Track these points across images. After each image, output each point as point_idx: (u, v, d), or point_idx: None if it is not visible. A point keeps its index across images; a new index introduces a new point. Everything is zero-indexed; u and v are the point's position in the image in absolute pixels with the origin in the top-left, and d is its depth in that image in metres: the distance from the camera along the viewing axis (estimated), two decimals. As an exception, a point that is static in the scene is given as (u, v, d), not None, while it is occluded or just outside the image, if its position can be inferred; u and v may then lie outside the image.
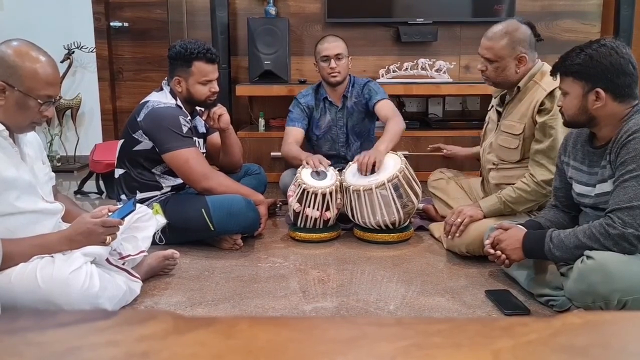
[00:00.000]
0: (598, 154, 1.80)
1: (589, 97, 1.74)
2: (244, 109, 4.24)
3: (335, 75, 2.92)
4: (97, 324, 0.51)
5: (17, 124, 1.73)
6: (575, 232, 1.76)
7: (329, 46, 2.91)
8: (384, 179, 2.49)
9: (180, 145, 2.41)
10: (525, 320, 0.52)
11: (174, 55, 2.50)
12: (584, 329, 0.51)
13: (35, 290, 1.64)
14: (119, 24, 4.25)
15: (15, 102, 1.67)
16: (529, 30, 2.30)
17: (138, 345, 0.47)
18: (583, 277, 1.67)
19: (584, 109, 1.76)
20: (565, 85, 1.80)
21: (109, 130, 4.34)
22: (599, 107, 1.74)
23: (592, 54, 1.73)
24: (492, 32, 2.31)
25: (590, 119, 1.78)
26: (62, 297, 1.65)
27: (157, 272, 2.17)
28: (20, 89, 1.66)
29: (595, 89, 1.73)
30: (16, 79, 1.65)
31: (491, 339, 0.48)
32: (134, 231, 2.07)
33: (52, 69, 1.71)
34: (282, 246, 2.57)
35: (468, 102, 4.23)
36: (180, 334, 0.49)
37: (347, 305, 1.95)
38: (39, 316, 0.53)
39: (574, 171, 1.90)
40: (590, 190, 1.81)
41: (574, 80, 1.76)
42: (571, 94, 1.78)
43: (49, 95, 1.71)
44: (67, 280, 1.66)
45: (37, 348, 0.46)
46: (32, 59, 1.67)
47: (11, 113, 1.69)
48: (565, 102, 1.82)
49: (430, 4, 4.07)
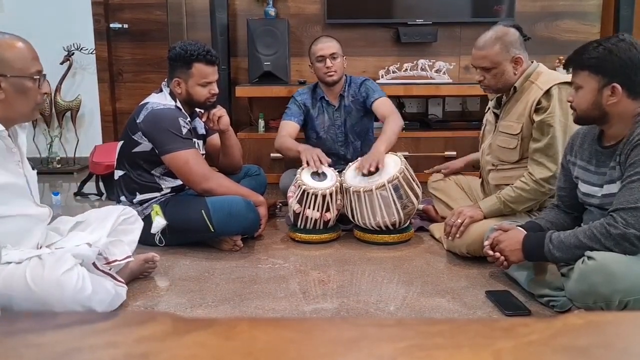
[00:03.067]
0: (607, 154, 1.79)
1: (604, 92, 1.72)
2: (244, 110, 4.24)
3: (331, 74, 2.93)
4: (96, 326, 0.51)
5: (23, 112, 1.73)
6: (575, 232, 1.75)
7: (323, 46, 2.93)
8: (384, 180, 2.49)
9: (180, 146, 2.41)
10: (526, 321, 0.52)
11: (174, 56, 2.50)
12: (585, 329, 0.51)
13: (26, 292, 1.62)
14: (118, 25, 4.24)
15: (14, 89, 1.67)
16: (517, 31, 2.31)
17: (137, 347, 0.46)
18: (584, 277, 1.66)
19: (598, 104, 1.74)
20: (580, 79, 1.77)
21: (108, 132, 4.34)
22: (613, 103, 1.71)
23: (611, 48, 1.70)
24: (482, 41, 2.31)
25: (603, 115, 1.75)
26: (54, 299, 1.63)
27: (137, 276, 2.14)
28: (14, 74, 1.67)
29: (611, 83, 1.70)
30: (5, 66, 1.66)
31: (492, 340, 0.48)
32: (120, 234, 2.04)
33: (29, 45, 1.73)
34: (282, 247, 2.57)
35: (468, 103, 4.23)
36: (179, 335, 0.49)
37: (348, 306, 1.94)
38: (38, 318, 0.53)
39: (581, 171, 1.88)
40: (597, 190, 1.80)
41: (590, 74, 1.73)
42: (585, 88, 1.75)
43: (38, 71, 1.73)
44: (60, 282, 1.65)
45: (36, 349, 0.46)
46: (8, 44, 1.69)
47: (14, 103, 1.69)
48: (577, 96, 1.79)
49: (430, 5, 4.07)
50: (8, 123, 1.73)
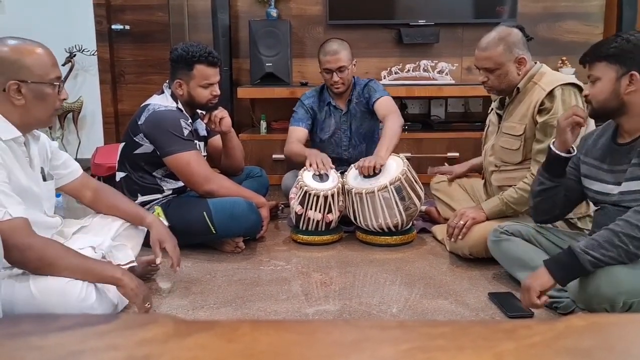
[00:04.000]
0: (623, 151, 1.78)
1: (622, 82, 1.73)
2: (246, 112, 4.24)
3: (338, 87, 2.91)
4: (98, 328, 0.51)
5: (42, 118, 1.74)
6: (606, 229, 1.67)
7: (331, 59, 2.85)
8: (386, 182, 2.49)
9: (182, 148, 2.41)
10: (529, 323, 0.52)
11: (176, 58, 2.50)
12: (587, 331, 0.51)
13: (29, 300, 1.61)
14: (120, 26, 4.25)
15: (34, 95, 1.68)
16: (520, 32, 2.31)
17: (139, 349, 0.46)
18: (588, 279, 1.66)
19: (616, 93, 1.74)
20: (597, 70, 1.78)
21: (110, 133, 4.35)
22: (632, 91, 1.72)
23: (629, 38, 1.73)
24: (485, 42, 2.31)
25: (620, 106, 1.75)
26: (58, 308, 1.61)
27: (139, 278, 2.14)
28: (34, 80, 1.67)
29: (630, 72, 1.72)
30: (25, 72, 1.66)
31: (494, 342, 0.48)
32: (124, 239, 2.03)
33: (48, 51, 1.74)
34: (284, 249, 2.56)
35: (470, 104, 4.23)
36: (181, 337, 0.48)
37: (350, 308, 1.94)
38: (40, 320, 0.53)
39: (593, 169, 1.87)
40: (613, 188, 1.79)
41: (608, 64, 1.75)
42: (603, 78, 1.76)
43: (58, 77, 1.74)
44: (64, 290, 1.63)
45: (38, 352, 0.46)
46: (29, 50, 1.69)
47: (33, 109, 1.69)
48: (595, 88, 1.79)
49: (432, 6, 4.07)
50: (25, 129, 1.73)
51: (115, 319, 0.52)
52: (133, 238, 2.08)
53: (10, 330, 0.50)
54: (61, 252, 1.67)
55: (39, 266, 1.62)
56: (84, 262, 1.69)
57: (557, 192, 1.94)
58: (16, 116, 1.68)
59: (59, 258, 1.64)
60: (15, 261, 1.58)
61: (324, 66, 2.89)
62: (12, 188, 1.62)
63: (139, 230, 2.11)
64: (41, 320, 0.54)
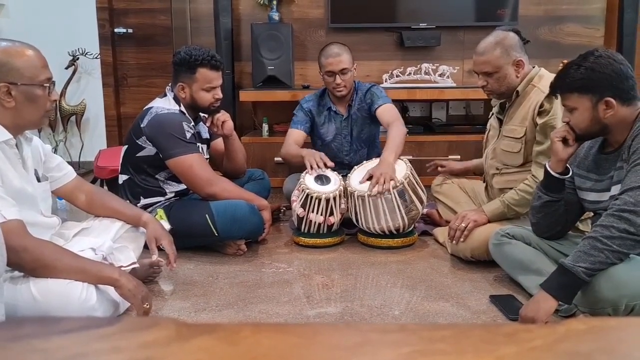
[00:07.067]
0: (610, 158, 1.80)
1: (599, 108, 1.74)
2: (248, 115, 4.25)
3: (340, 90, 2.91)
4: (101, 331, 0.51)
5: (33, 120, 1.74)
6: (585, 238, 1.70)
7: (333, 61, 2.85)
8: (389, 186, 2.49)
9: (184, 151, 2.42)
10: (529, 326, 0.52)
11: (178, 61, 2.51)
12: (588, 335, 0.51)
13: (30, 302, 1.61)
14: (123, 30, 4.26)
15: (25, 97, 1.68)
16: (516, 35, 2.32)
17: (141, 352, 0.47)
18: (590, 282, 1.66)
19: (596, 119, 1.76)
20: (571, 101, 1.79)
21: (113, 136, 4.36)
22: (611, 114, 1.73)
23: (592, 67, 1.72)
24: (482, 46, 2.33)
25: (603, 128, 1.77)
26: (59, 309, 1.61)
27: (141, 280, 2.13)
28: (24, 82, 1.67)
29: (604, 98, 1.72)
30: (15, 74, 1.66)
31: (495, 345, 0.48)
32: (126, 240, 2.03)
33: (38, 53, 1.74)
34: (286, 251, 2.57)
35: (472, 107, 4.23)
36: (183, 340, 0.49)
37: (352, 310, 1.94)
38: (43, 323, 0.54)
39: (585, 181, 1.89)
40: (603, 194, 1.81)
41: (580, 95, 1.75)
42: (579, 108, 1.77)
43: (48, 78, 1.73)
44: (65, 292, 1.63)
45: (41, 355, 0.46)
46: (19, 52, 1.69)
47: (24, 110, 1.69)
48: (574, 117, 1.80)
49: (433, 9, 4.07)
50: (17, 130, 1.73)
51: (118, 321, 0.52)
52: (134, 240, 2.08)
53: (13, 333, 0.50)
54: (57, 253, 1.67)
55: (34, 268, 1.62)
56: (80, 263, 1.69)
57: (557, 206, 1.94)
58: (7, 118, 1.68)
59: (55, 259, 1.64)
60: (11, 263, 1.58)
61: (327, 69, 2.88)
62: (5, 190, 1.62)
63: (140, 232, 2.11)
64: (44, 323, 0.54)
